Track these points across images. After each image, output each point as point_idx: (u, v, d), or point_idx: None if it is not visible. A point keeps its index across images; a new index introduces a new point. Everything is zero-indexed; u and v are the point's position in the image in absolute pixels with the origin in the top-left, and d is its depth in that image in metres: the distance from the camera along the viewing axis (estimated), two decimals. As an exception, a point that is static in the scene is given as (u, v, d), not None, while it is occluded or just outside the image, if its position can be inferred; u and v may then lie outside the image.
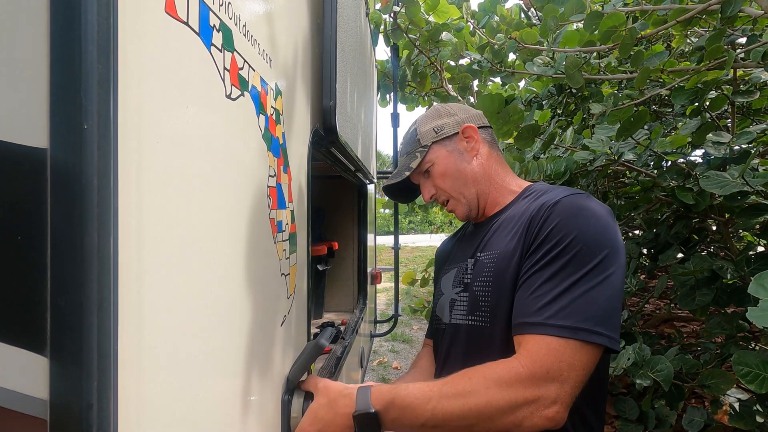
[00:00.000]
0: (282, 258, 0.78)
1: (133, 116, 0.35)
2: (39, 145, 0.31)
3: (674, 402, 1.71)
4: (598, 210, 0.72)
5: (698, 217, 1.88)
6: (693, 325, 3.01)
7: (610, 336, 0.65)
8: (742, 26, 1.83)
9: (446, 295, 0.91)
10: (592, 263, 0.67)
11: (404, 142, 0.96)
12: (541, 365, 0.64)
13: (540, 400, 0.63)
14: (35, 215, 0.31)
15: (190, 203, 0.45)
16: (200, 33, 0.47)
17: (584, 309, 0.65)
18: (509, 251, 0.77)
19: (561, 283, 0.67)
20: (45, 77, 0.31)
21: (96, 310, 0.31)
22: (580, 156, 1.89)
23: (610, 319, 0.66)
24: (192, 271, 0.45)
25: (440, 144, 0.91)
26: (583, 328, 0.64)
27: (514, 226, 0.79)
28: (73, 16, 0.31)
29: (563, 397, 0.63)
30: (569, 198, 0.74)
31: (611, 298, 0.67)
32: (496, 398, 0.63)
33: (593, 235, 0.69)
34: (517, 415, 0.63)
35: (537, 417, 0.63)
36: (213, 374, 0.51)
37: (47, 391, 0.31)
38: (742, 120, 2.18)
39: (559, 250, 0.69)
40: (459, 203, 0.91)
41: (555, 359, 0.64)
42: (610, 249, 0.68)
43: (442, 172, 0.89)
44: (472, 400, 0.63)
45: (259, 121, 0.66)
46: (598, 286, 0.66)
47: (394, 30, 2.79)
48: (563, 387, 0.63)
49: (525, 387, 0.63)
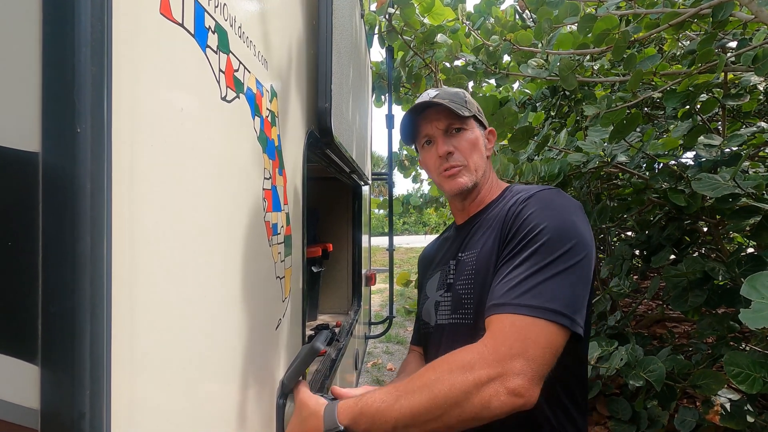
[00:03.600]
0: (277, 261, 0.77)
1: (127, 119, 0.35)
2: (30, 149, 0.30)
3: (666, 402, 1.72)
4: (568, 203, 0.75)
5: (690, 219, 1.90)
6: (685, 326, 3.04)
7: (573, 319, 0.65)
8: (732, 30, 1.86)
9: (431, 298, 0.92)
10: (560, 251, 0.68)
11: (448, 93, 0.91)
12: (503, 342, 0.63)
13: (504, 376, 0.60)
14: (26, 220, 0.30)
15: (185, 207, 0.44)
16: (195, 34, 0.47)
17: (549, 292, 0.65)
18: (488, 249, 0.79)
19: (529, 268, 0.68)
20: (37, 79, 0.30)
21: (89, 316, 0.30)
22: (573, 158, 1.90)
23: (575, 305, 0.66)
24: (186, 275, 0.45)
25: (477, 123, 0.92)
26: (548, 308, 0.64)
27: (492, 224, 0.82)
28: (66, 17, 0.30)
29: (529, 372, 0.61)
30: (541, 192, 0.78)
31: (577, 285, 0.67)
32: (459, 381, 0.61)
33: (562, 225, 0.71)
34: (483, 395, 0.60)
35: (503, 394, 0.60)
36: (208, 380, 0.50)
37: (38, 400, 0.30)
38: (733, 123, 2.21)
39: (529, 240, 0.71)
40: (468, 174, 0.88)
41: (518, 336, 0.63)
42: (578, 240, 0.70)
43: (474, 141, 0.89)
44: (437, 388, 0.62)
45: (254, 123, 0.66)
46: (565, 272, 0.67)
47: (389, 31, 2.80)
48: (528, 363, 0.61)
49: (488, 365, 0.61)
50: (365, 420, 0.64)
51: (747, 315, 0.92)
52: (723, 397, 1.68)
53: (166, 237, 0.40)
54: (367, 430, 0.64)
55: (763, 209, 1.44)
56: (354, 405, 0.66)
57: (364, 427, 0.64)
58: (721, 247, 1.94)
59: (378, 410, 0.64)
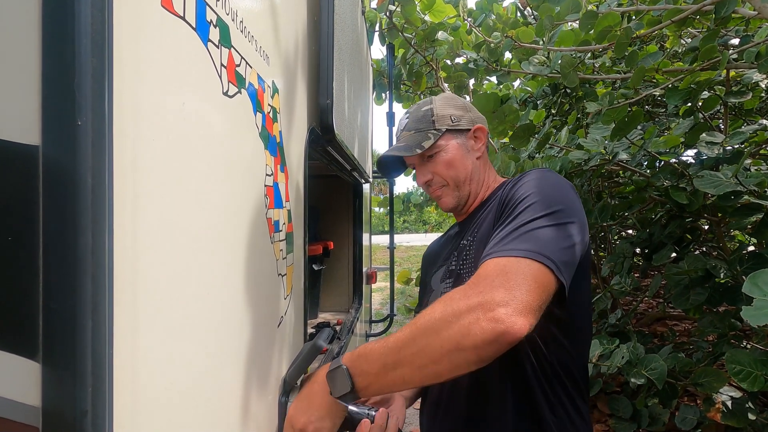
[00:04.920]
0: (279, 258, 0.77)
1: (129, 112, 0.34)
2: (31, 142, 0.30)
3: (667, 400, 1.72)
4: (557, 179, 0.78)
5: (691, 216, 1.90)
6: (686, 324, 3.04)
7: (557, 265, 0.64)
8: (735, 27, 1.85)
9: (436, 290, 0.93)
10: (548, 210, 0.69)
11: (415, 118, 0.92)
12: (485, 276, 0.62)
13: (484, 304, 0.59)
14: (27, 215, 0.30)
15: (187, 202, 0.44)
16: (197, 28, 0.46)
17: (537, 239, 0.65)
18: (486, 229, 0.81)
19: (517, 224, 0.69)
20: (37, 71, 0.29)
21: (90, 313, 0.30)
22: (574, 156, 1.90)
23: (561, 253, 0.65)
24: (188, 272, 0.44)
25: (453, 134, 0.90)
26: (533, 250, 0.63)
27: (490, 211, 0.84)
28: (66, 9, 0.29)
29: (511, 301, 0.59)
30: (531, 171, 0.81)
31: (564, 239, 0.67)
32: (438, 312, 0.61)
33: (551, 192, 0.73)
34: (462, 322, 0.59)
35: (483, 320, 0.58)
36: (210, 378, 0.50)
37: (39, 397, 0.30)
38: (735, 120, 2.20)
39: (517, 204, 0.73)
40: (452, 194, 0.91)
41: (500, 271, 0.62)
42: (565, 206, 0.71)
43: (448, 161, 0.89)
44: (419, 322, 0.63)
45: (256, 119, 0.65)
46: (552, 226, 0.67)
47: (389, 29, 2.78)
48: (510, 292, 0.59)
49: (468, 297, 0.60)
50: (362, 360, 0.66)
51: (749, 312, 0.91)
52: (724, 395, 1.67)
53: (167, 232, 0.40)
54: (365, 372, 0.65)
55: (765, 207, 1.44)
56: (354, 350, 0.69)
57: (361, 367, 0.66)
58: (723, 245, 1.94)
59: (371, 350, 0.66)
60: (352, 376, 0.65)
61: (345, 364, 0.66)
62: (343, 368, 0.66)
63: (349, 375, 0.65)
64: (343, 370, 0.66)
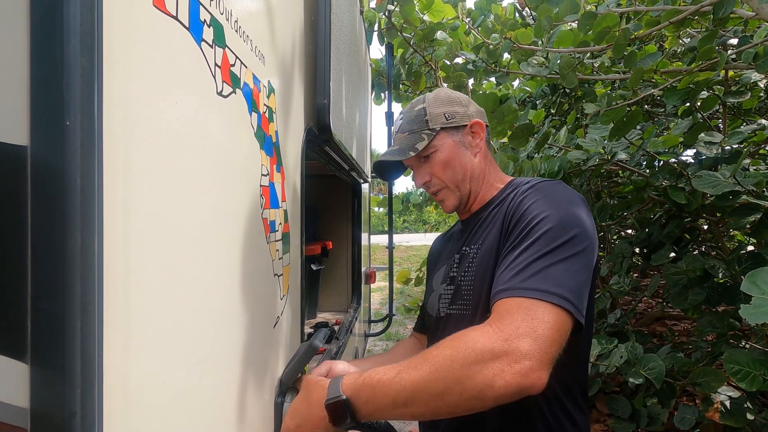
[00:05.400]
0: (275, 258, 0.77)
1: (119, 112, 0.34)
2: (19, 143, 0.29)
3: (666, 400, 1.72)
4: (570, 194, 0.74)
5: (690, 216, 1.90)
6: (685, 324, 3.04)
7: (577, 307, 0.63)
8: (733, 27, 1.85)
9: (436, 291, 0.92)
10: (563, 239, 0.67)
11: (408, 119, 0.89)
12: (510, 321, 0.60)
13: (510, 354, 0.57)
14: (15, 215, 0.29)
15: (179, 203, 0.44)
16: (190, 28, 0.46)
17: (554, 278, 0.63)
18: (490, 242, 0.79)
19: (533, 254, 0.66)
20: (25, 70, 0.29)
21: (79, 313, 0.30)
22: (573, 155, 1.90)
23: (579, 293, 0.64)
24: (181, 272, 0.44)
25: (448, 132, 0.87)
26: (555, 293, 0.62)
27: (495, 218, 0.81)
28: (55, 8, 0.29)
29: (537, 354, 0.57)
30: (542, 183, 0.78)
31: (580, 274, 0.66)
32: (461, 356, 0.58)
33: (565, 215, 0.70)
34: (486, 373, 0.56)
35: (509, 373, 0.56)
36: (204, 378, 0.50)
37: (28, 398, 0.30)
38: (733, 120, 2.20)
39: (531, 227, 0.69)
40: (452, 195, 0.89)
41: (526, 315, 0.60)
42: (581, 230, 0.69)
43: (444, 161, 0.86)
44: (438, 363, 0.59)
45: (251, 119, 0.65)
46: (568, 260, 0.65)
47: (388, 28, 2.78)
48: (537, 343, 0.58)
49: (492, 342, 0.58)
50: (366, 391, 0.62)
51: (747, 310, 0.91)
52: (723, 395, 1.67)
53: (160, 233, 0.40)
54: (368, 402, 0.62)
55: (764, 207, 1.44)
56: (357, 377, 0.65)
57: (365, 398, 0.62)
58: (722, 245, 1.93)
59: (379, 382, 0.62)
60: (353, 406, 0.63)
61: (345, 395, 0.63)
62: (342, 398, 0.63)
63: (349, 406, 0.63)
64: (342, 400, 0.63)
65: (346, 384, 0.64)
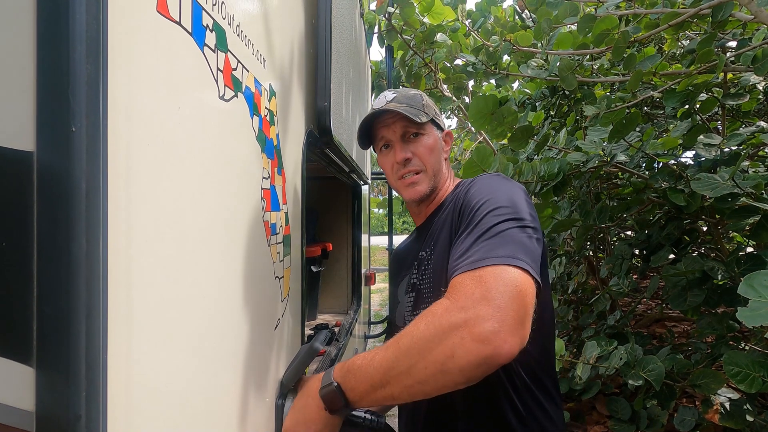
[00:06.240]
0: (276, 261, 0.77)
1: (123, 118, 0.34)
2: (25, 148, 0.30)
3: (666, 401, 1.72)
4: (508, 183, 0.78)
5: (690, 218, 1.90)
6: (684, 326, 3.04)
7: (531, 266, 0.61)
8: (732, 30, 1.86)
9: (401, 303, 0.93)
10: (506, 215, 0.68)
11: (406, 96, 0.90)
12: (463, 291, 0.59)
13: (468, 321, 0.55)
14: (21, 220, 0.30)
15: (182, 207, 0.44)
16: (193, 33, 0.46)
17: (502, 246, 0.63)
18: (443, 242, 0.81)
19: (478, 233, 0.67)
20: (31, 77, 0.30)
21: (84, 317, 0.30)
22: (573, 157, 1.90)
23: (532, 254, 0.63)
24: (184, 276, 0.44)
25: (434, 126, 0.93)
26: (503, 255, 0.61)
27: (446, 219, 0.84)
28: (60, 14, 0.30)
29: (496, 314, 0.54)
30: (481, 176, 0.82)
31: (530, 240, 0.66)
32: (420, 331, 0.58)
33: (505, 196, 0.72)
34: (446, 344, 0.55)
35: (468, 340, 0.54)
36: (206, 381, 0.50)
37: (33, 402, 0.30)
38: (732, 122, 2.20)
39: (474, 212, 0.72)
40: (427, 180, 0.90)
41: (478, 282, 0.58)
42: (519, 208, 0.70)
43: (431, 146, 0.89)
44: (402, 342, 0.60)
45: (252, 123, 0.65)
46: (513, 230, 0.66)
47: (388, 31, 2.79)
48: (494, 303, 0.55)
49: (449, 313, 0.57)
50: (351, 376, 0.65)
51: (744, 313, 0.92)
52: (722, 397, 1.67)
53: (163, 237, 0.40)
54: (355, 389, 0.64)
55: (762, 209, 1.44)
56: (345, 363, 0.68)
57: (351, 384, 0.65)
58: (721, 247, 1.94)
59: (360, 366, 0.64)
60: (344, 391, 0.65)
61: (336, 380, 0.65)
62: (334, 385, 0.65)
63: (341, 391, 0.65)
64: (334, 387, 0.65)
65: (336, 371, 0.67)
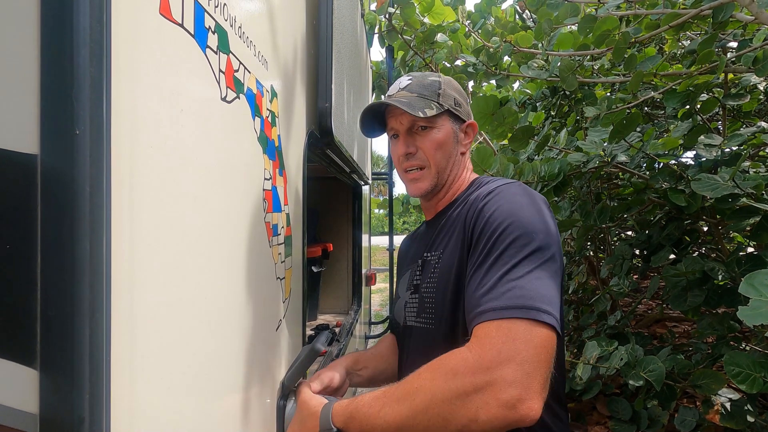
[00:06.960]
0: (277, 261, 0.77)
1: (127, 120, 0.34)
2: (29, 151, 0.30)
3: (666, 402, 1.72)
4: (530, 196, 0.72)
5: (690, 218, 1.90)
6: (685, 326, 3.04)
7: (556, 318, 0.60)
8: (733, 31, 1.86)
9: (402, 298, 0.90)
10: (531, 247, 0.65)
11: (420, 83, 0.84)
12: (491, 347, 0.56)
13: (493, 385, 0.53)
14: (25, 223, 0.30)
15: (185, 209, 0.44)
16: (195, 35, 0.46)
17: (529, 290, 0.61)
18: (450, 250, 0.77)
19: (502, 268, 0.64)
20: (35, 80, 0.30)
21: (88, 320, 0.30)
22: (573, 158, 1.90)
23: (555, 302, 0.62)
24: (187, 278, 0.44)
25: (451, 117, 0.85)
26: (533, 307, 0.59)
27: (456, 222, 0.79)
28: (64, 17, 0.30)
29: (524, 380, 0.54)
30: (503, 187, 0.74)
31: (552, 281, 0.64)
32: (441, 390, 0.56)
33: (528, 220, 0.67)
34: (469, 407, 0.54)
35: (494, 406, 0.53)
36: (208, 383, 0.50)
37: (37, 404, 0.30)
38: (733, 123, 2.20)
39: (496, 238, 0.67)
40: (429, 178, 0.84)
41: (507, 338, 0.56)
42: (545, 234, 0.67)
43: (439, 141, 0.82)
44: (419, 399, 0.57)
45: (254, 124, 0.65)
46: (539, 268, 0.63)
47: (389, 31, 2.79)
48: (522, 367, 0.54)
49: (473, 373, 0.55)
50: (355, 424, 0.62)
51: (745, 312, 0.92)
52: (723, 397, 1.67)
53: (165, 239, 0.40)
54: None
55: (763, 209, 1.44)
56: (348, 406, 0.65)
57: (355, 430, 0.62)
58: (721, 247, 1.94)
59: (366, 415, 0.62)
60: None
61: (336, 426, 0.63)
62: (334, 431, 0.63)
63: None
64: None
65: (337, 415, 0.65)
